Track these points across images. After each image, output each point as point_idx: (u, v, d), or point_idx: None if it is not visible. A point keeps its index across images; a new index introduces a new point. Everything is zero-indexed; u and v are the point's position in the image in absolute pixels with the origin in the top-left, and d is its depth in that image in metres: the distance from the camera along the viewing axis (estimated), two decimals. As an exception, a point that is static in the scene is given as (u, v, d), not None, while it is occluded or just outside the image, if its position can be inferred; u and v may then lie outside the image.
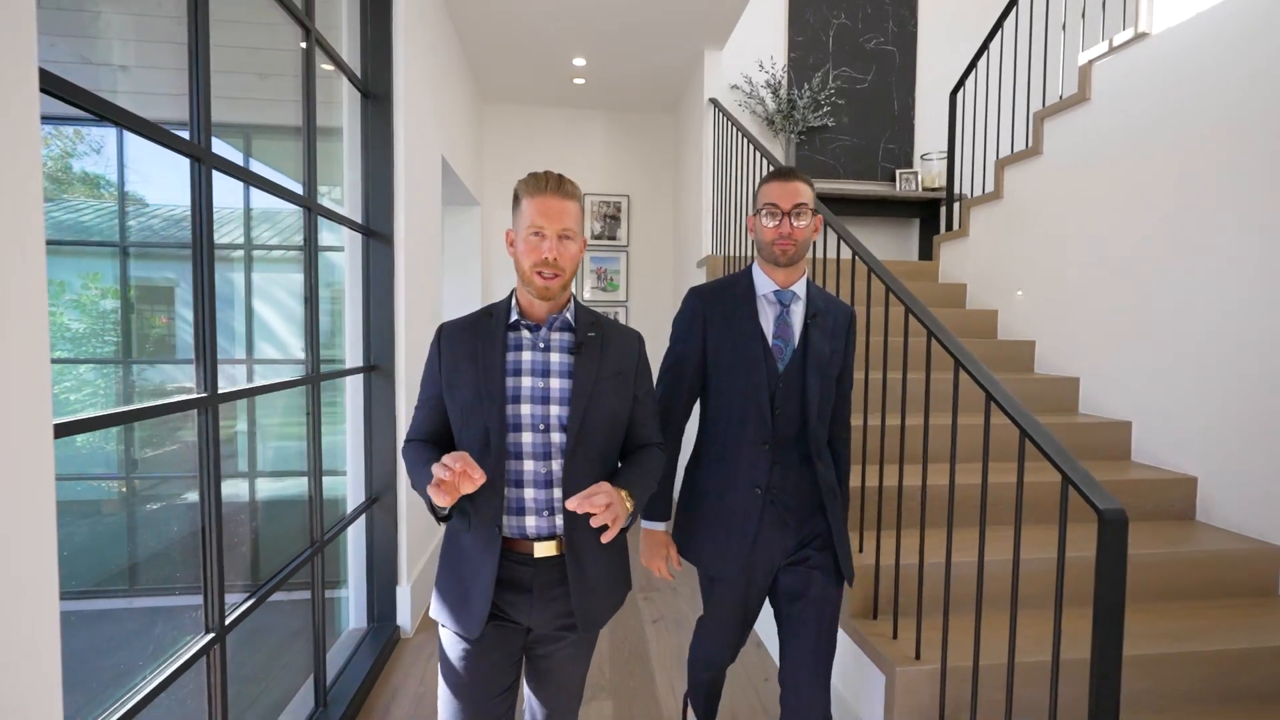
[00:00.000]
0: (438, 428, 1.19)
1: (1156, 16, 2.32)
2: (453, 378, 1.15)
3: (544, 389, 1.14)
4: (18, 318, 0.72)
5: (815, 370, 1.35)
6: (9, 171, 0.71)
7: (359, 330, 2.40)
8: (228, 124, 1.80)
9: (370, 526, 2.46)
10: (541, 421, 1.12)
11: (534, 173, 1.14)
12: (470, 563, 1.13)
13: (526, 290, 1.16)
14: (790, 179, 1.33)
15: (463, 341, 1.17)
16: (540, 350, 1.15)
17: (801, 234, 1.32)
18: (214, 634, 1.34)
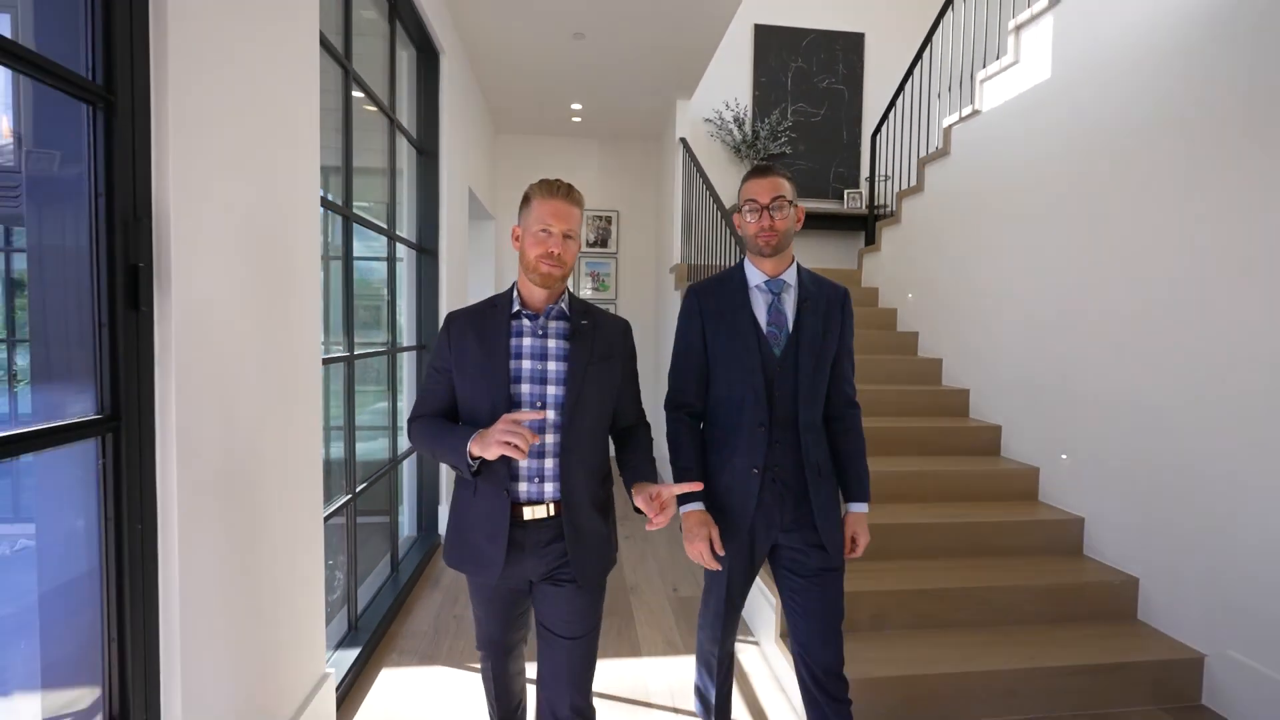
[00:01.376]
0: (446, 405, 1.31)
1: (986, 100, 3.24)
2: (461, 360, 1.27)
3: (542, 370, 1.27)
4: (310, 308, 1.66)
5: (810, 354, 1.42)
6: (308, 248, 1.64)
7: (414, 319, 3.33)
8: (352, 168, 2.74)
9: (419, 462, 3.40)
10: (539, 400, 1.25)
11: (546, 179, 1.28)
12: (481, 524, 1.26)
13: (529, 279, 1.27)
14: (767, 175, 1.40)
15: (470, 328, 1.29)
16: (538, 336, 1.28)
17: (782, 224, 1.39)
18: (350, 495, 2.28)
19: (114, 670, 1.05)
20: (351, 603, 2.34)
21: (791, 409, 1.43)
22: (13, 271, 1.03)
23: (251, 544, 1.40)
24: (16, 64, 0.88)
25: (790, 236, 1.42)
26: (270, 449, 1.48)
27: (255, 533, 1.41)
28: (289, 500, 1.58)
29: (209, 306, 1.21)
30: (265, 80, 1.42)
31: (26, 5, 1.03)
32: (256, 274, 1.40)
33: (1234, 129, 1.98)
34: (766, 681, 2.16)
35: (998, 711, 1.97)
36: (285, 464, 1.55)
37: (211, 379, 1.22)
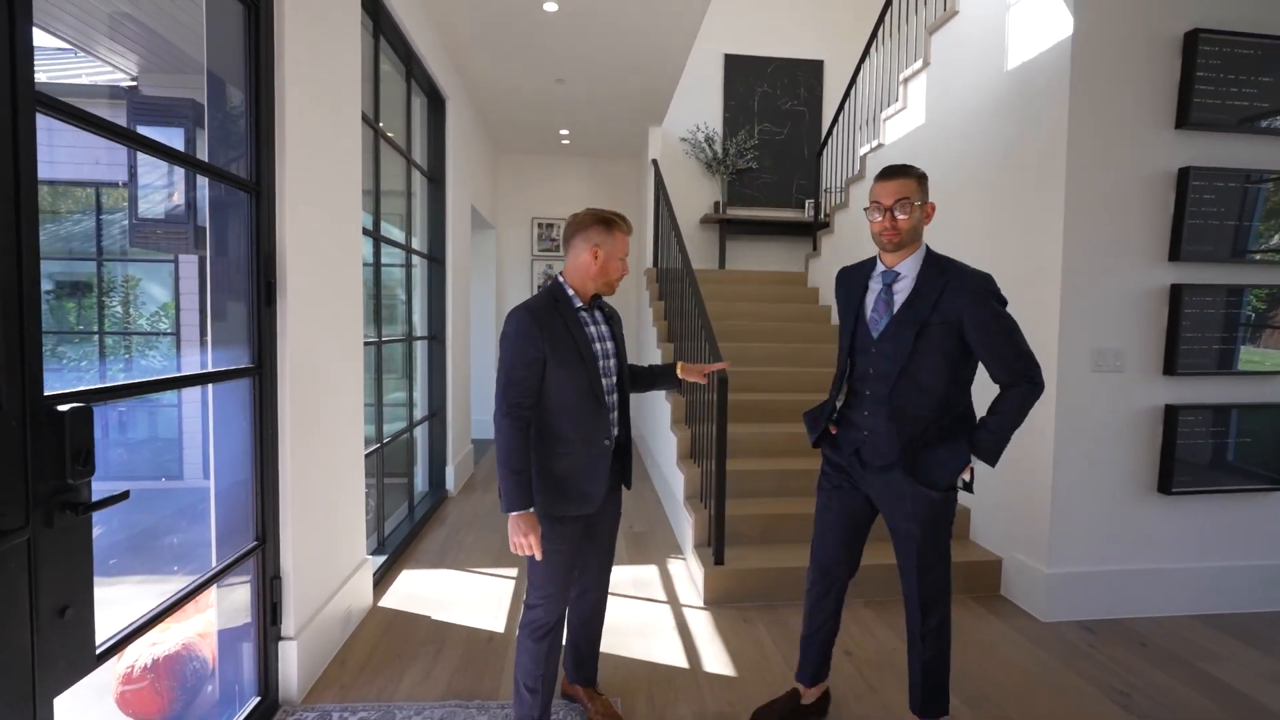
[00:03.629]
0: (538, 385, 1.56)
1: (888, 135, 3.97)
2: (555, 348, 1.55)
3: (606, 349, 1.68)
4: (353, 304, 2.45)
5: (904, 340, 1.56)
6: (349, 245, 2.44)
7: (425, 315, 4.13)
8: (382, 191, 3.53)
9: (430, 430, 4.20)
10: (608, 370, 1.67)
11: (625, 219, 1.66)
12: (585, 468, 1.60)
13: (598, 284, 1.65)
14: (893, 177, 1.55)
15: (555, 321, 1.58)
16: (596, 325, 1.68)
17: (905, 224, 1.53)
18: (379, 444, 3.08)
19: (259, 511, 1.85)
20: (380, 527, 3.13)
21: (879, 387, 1.60)
22: (207, 280, 1.81)
23: (326, 454, 2.19)
24: (210, 175, 1.68)
25: (914, 233, 1.56)
26: (337, 397, 2.26)
27: (328, 448, 2.20)
28: (346, 434, 2.37)
29: (305, 305, 2.00)
30: (332, 158, 2.21)
31: (218, 130, 1.81)
32: (327, 285, 2.19)
33: (1025, 171, 2.72)
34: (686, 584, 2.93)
35: (844, 594, 2.73)
36: (344, 409, 2.34)
37: (306, 348, 2.01)
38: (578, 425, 1.60)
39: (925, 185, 1.60)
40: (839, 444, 1.75)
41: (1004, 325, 1.55)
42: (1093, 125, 2.47)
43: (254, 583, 1.85)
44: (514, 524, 1.53)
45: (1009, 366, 1.55)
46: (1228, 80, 2.48)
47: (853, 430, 1.71)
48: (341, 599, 2.29)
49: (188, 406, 3.38)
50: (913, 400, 1.60)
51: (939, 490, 1.61)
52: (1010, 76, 2.80)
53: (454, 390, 4.31)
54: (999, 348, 1.54)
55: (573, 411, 1.60)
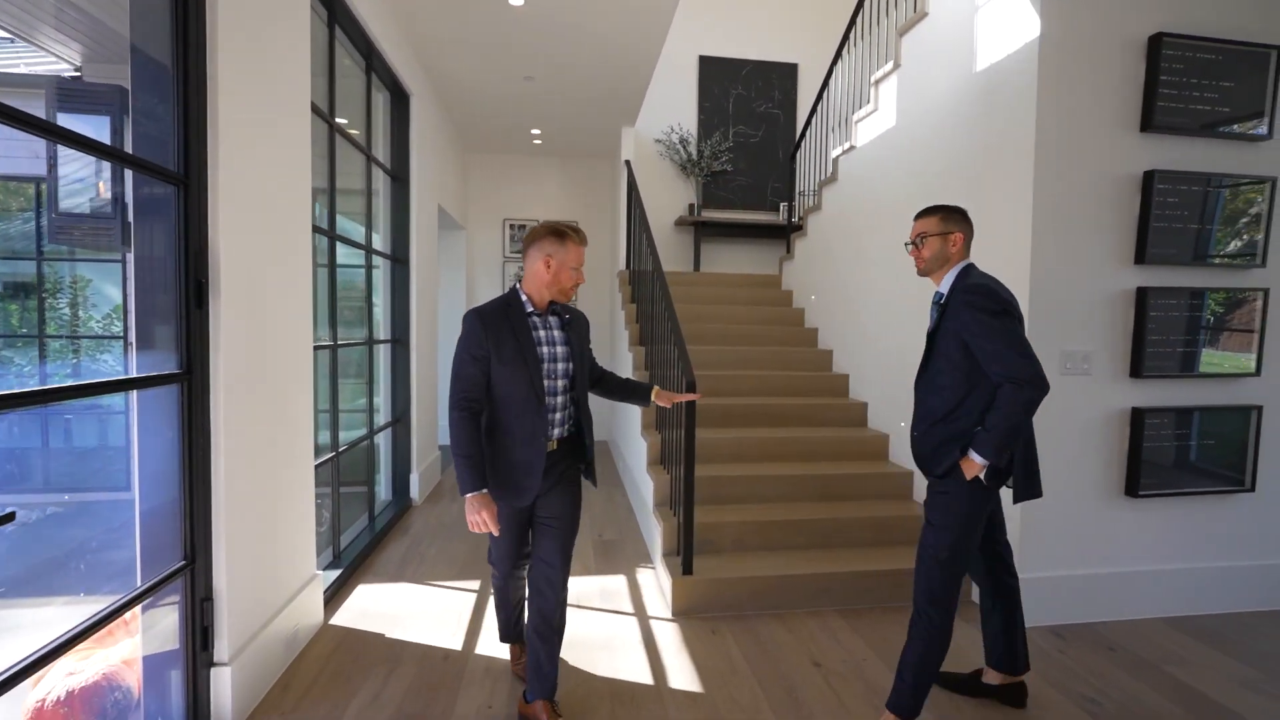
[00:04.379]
0: (482, 386, 1.71)
1: (860, 137, 3.95)
2: (500, 349, 1.70)
3: (555, 353, 1.79)
4: (301, 306, 2.33)
5: (935, 352, 1.80)
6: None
7: (388, 318, 3.99)
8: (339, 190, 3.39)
9: (393, 436, 4.05)
10: (554, 373, 1.78)
11: (578, 228, 1.80)
12: (523, 462, 1.74)
13: (552, 293, 1.77)
14: (919, 217, 1.86)
15: (500, 324, 1.72)
16: (547, 330, 1.80)
17: (927, 253, 1.82)
18: (334, 453, 2.94)
19: (188, 528, 1.72)
20: (335, 539, 2.99)
21: (919, 394, 1.85)
22: (128, 280, 1.68)
23: (268, 465, 2.06)
24: (130, 165, 1.55)
25: (937, 262, 1.82)
26: (281, 404, 2.14)
27: (270, 459, 2.07)
28: (293, 444, 2.24)
29: (241, 306, 1.87)
30: (276, 150, 2.08)
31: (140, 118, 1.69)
32: (270, 285, 2.06)
33: (994, 172, 2.70)
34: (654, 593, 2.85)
35: (815, 603, 2.68)
36: (290, 417, 2.21)
37: (245, 352, 1.89)
38: (518, 421, 1.75)
39: (951, 218, 1.82)
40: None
41: (986, 329, 1.68)
42: (1060, 127, 2.45)
43: (182, 605, 1.72)
44: (468, 504, 1.72)
45: (995, 368, 1.68)
46: (1190, 84, 2.49)
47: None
48: (287, 618, 2.16)
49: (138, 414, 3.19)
50: (930, 397, 1.82)
51: (934, 476, 1.79)
52: (979, 78, 2.78)
53: (419, 395, 4.17)
54: (982, 350, 1.69)
55: (514, 408, 1.75)
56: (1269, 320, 2.64)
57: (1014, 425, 1.65)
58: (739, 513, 3.00)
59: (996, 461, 1.69)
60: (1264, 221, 2.59)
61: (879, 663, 2.26)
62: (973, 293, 1.71)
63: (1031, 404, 1.65)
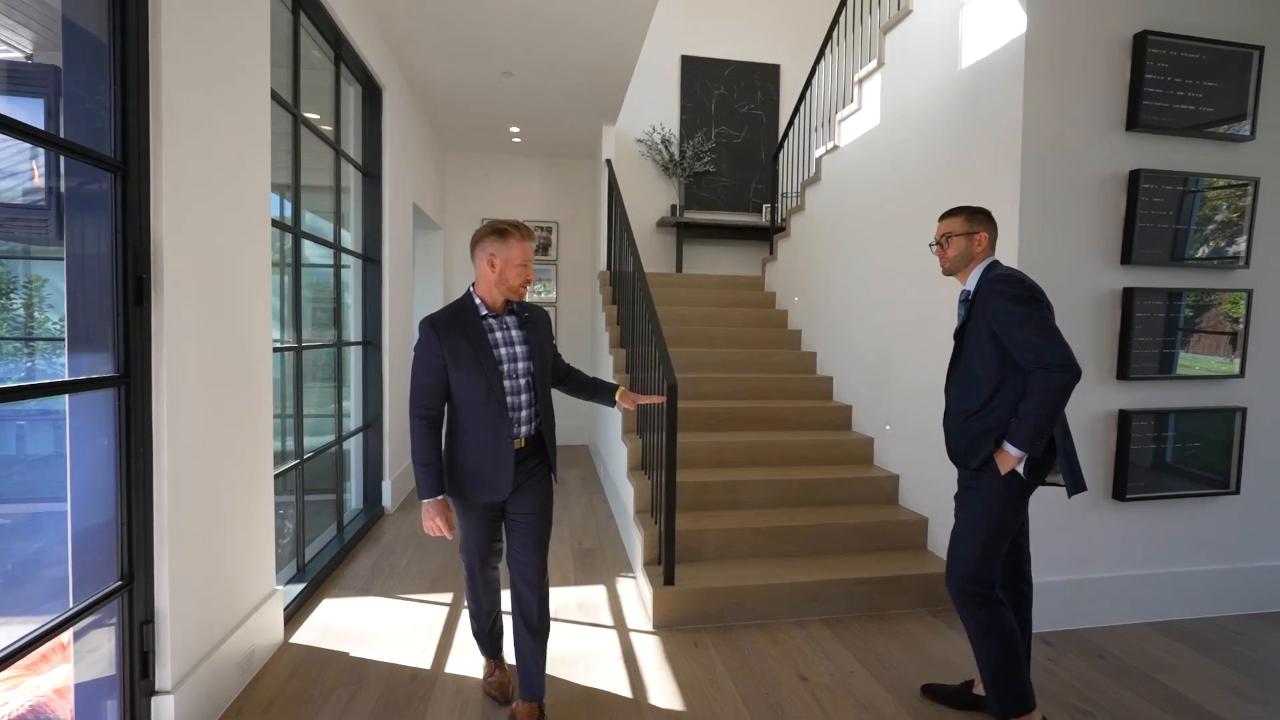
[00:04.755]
0: (442, 389, 1.75)
1: (843, 137, 3.91)
2: (454, 354, 1.72)
3: (513, 353, 1.80)
4: (259, 305, 2.19)
5: (964, 346, 1.82)
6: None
7: (359, 319, 3.84)
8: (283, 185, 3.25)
9: (364, 442, 3.90)
10: (515, 373, 1.79)
11: (521, 225, 1.77)
12: (490, 463, 1.77)
13: (502, 292, 1.77)
14: (942, 219, 1.89)
15: (454, 329, 1.74)
16: (504, 330, 1.80)
17: (952, 253, 1.85)
18: (299, 460, 2.80)
19: (125, 545, 1.58)
20: (299, 551, 2.84)
21: (951, 392, 1.88)
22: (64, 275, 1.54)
23: (219, 475, 1.92)
24: (60, 150, 1.42)
25: (962, 261, 1.85)
26: (236, 409, 2.00)
27: (222, 468, 1.94)
28: (248, 451, 2.10)
29: (189, 304, 1.74)
30: (230, 138, 1.95)
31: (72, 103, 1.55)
32: (223, 282, 1.93)
33: (980, 171, 2.65)
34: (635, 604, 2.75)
35: (800, 613, 2.59)
36: (245, 423, 2.07)
37: (192, 354, 1.75)
38: (480, 423, 1.78)
39: (976, 219, 1.85)
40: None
41: (1015, 317, 1.68)
42: (1047, 124, 2.41)
43: (119, 629, 1.58)
44: (424, 510, 1.79)
45: (1024, 355, 1.68)
46: (1175, 84, 2.46)
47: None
48: (241, 639, 2.02)
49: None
50: (962, 390, 1.83)
51: (969, 469, 1.79)
52: (964, 75, 2.74)
53: (392, 399, 4.03)
54: (1011, 337, 1.69)
55: (475, 410, 1.77)
56: (1253, 321, 2.63)
57: (1048, 412, 1.64)
58: (722, 519, 2.92)
59: (1032, 451, 1.68)
60: (1247, 223, 2.57)
61: (867, 676, 2.19)
62: (1001, 281, 1.73)
63: (1065, 389, 1.64)
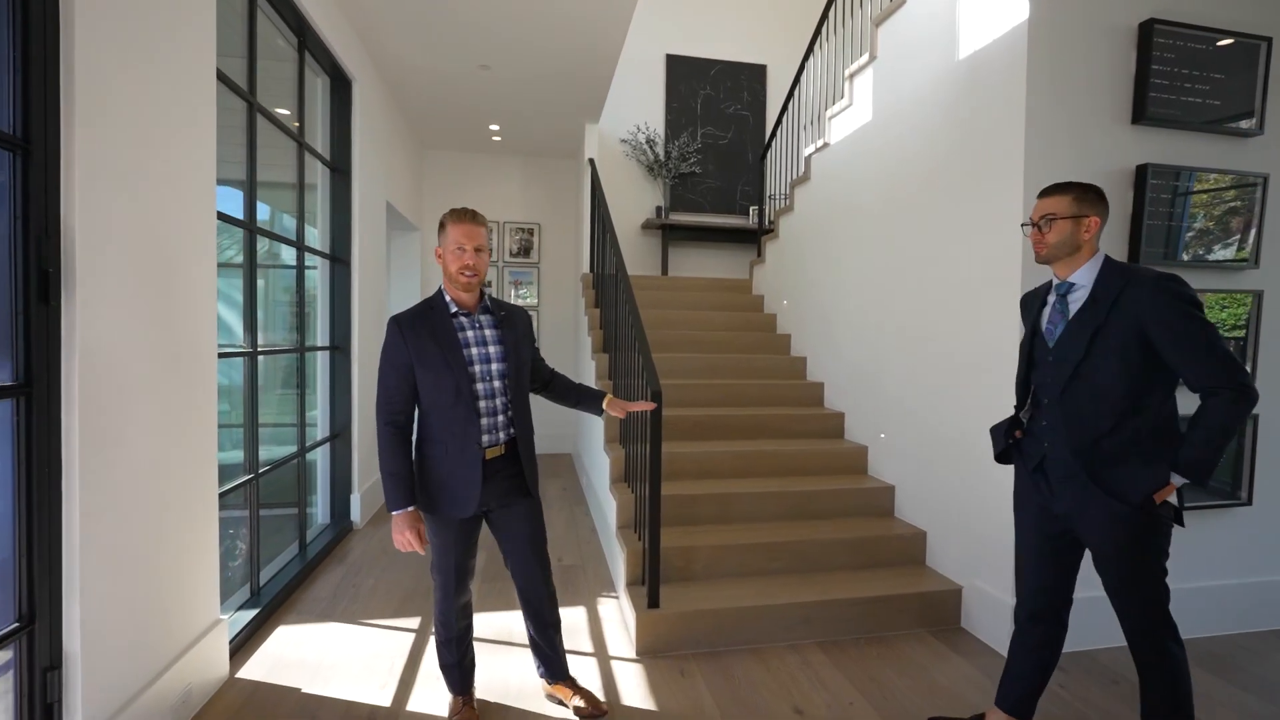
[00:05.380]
0: (409, 392, 1.66)
1: (834, 134, 3.78)
2: (422, 355, 1.63)
3: (486, 354, 1.71)
4: (200, 306, 1.99)
5: (1074, 350, 1.54)
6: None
7: (328, 323, 3.63)
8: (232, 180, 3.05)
9: (332, 453, 3.68)
10: (488, 375, 1.71)
11: (454, 208, 1.68)
12: (458, 472, 1.66)
13: (453, 286, 1.68)
14: (1044, 195, 1.61)
15: (421, 328, 1.65)
16: (476, 329, 1.72)
17: (1053, 238, 1.57)
18: (253, 475, 2.58)
19: (24, 581, 1.37)
20: (253, 574, 2.62)
21: (1053, 391, 1.58)
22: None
23: (149, 496, 1.71)
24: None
25: (1065, 248, 1.57)
26: (173, 421, 1.79)
27: (152, 488, 1.73)
28: (186, 468, 1.89)
29: (109, 303, 1.54)
30: (163, 119, 1.75)
31: (-41, 73, 1.35)
32: (153, 277, 1.72)
33: (980, 166, 2.52)
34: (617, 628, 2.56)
35: (793, 635, 2.43)
36: (182, 437, 1.87)
37: (114, 359, 1.55)
38: (447, 428, 1.67)
39: (1087, 199, 1.57)
40: (1025, 456, 1.70)
41: (1192, 326, 1.45)
42: (1050, 117, 2.29)
43: (16, 678, 1.36)
44: (394, 523, 1.68)
45: (1202, 371, 1.45)
46: (1181, 75, 2.35)
47: (1035, 443, 1.67)
48: (176, 676, 1.81)
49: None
50: (1086, 403, 1.55)
51: (1131, 504, 1.50)
52: (961, 67, 2.61)
53: (362, 408, 3.81)
54: (1187, 350, 1.46)
55: (441, 414, 1.67)
56: (1263, 325, 2.52)
57: (1227, 442, 1.45)
58: (710, 535, 2.74)
59: (1204, 483, 1.49)
60: (1256, 222, 2.47)
61: (868, 708, 2.02)
62: (1169, 281, 1.47)
63: (1244, 418, 1.45)
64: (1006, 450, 1.75)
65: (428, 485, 1.70)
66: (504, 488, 1.75)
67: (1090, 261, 1.59)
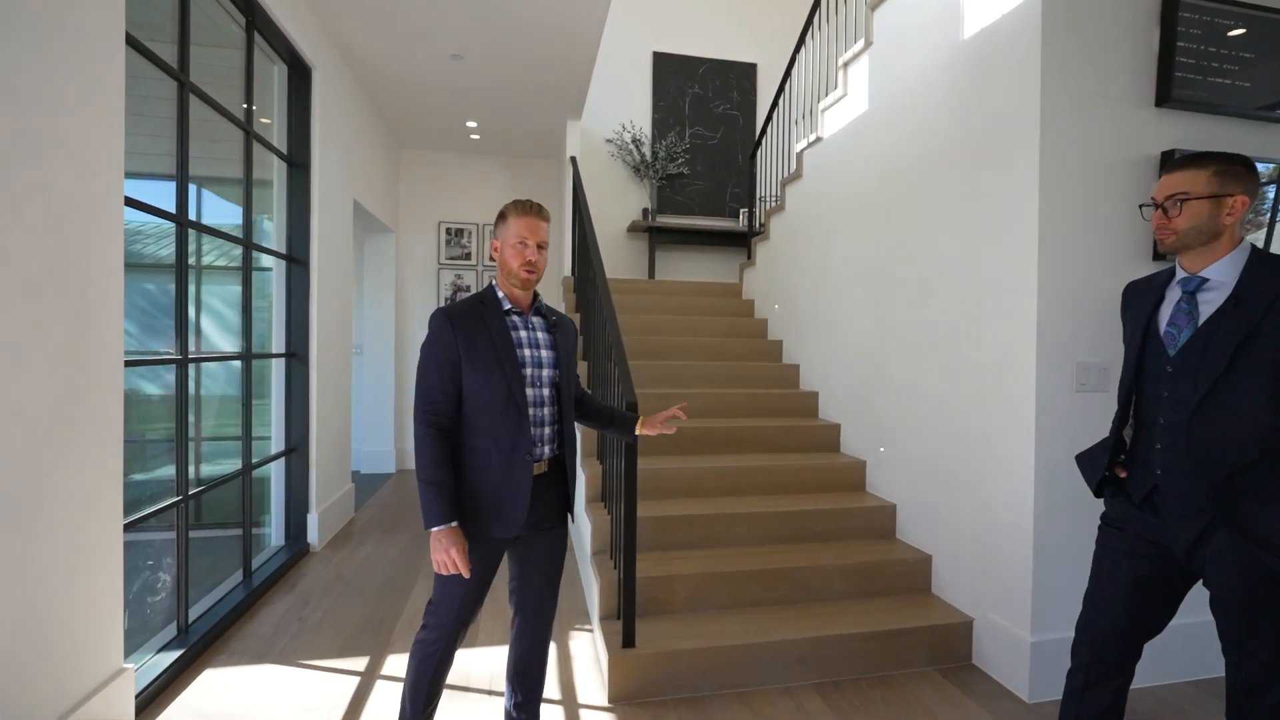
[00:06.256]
0: (454, 391, 1.49)
1: (827, 128, 3.56)
2: (472, 351, 1.48)
3: (538, 357, 1.56)
4: (107, 308, 1.72)
5: (1215, 358, 1.26)
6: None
7: (282, 328, 3.35)
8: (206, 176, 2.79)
9: (287, 469, 3.39)
10: (538, 380, 1.55)
11: (520, 200, 1.55)
12: (505, 485, 1.49)
13: (510, 283, 1.54)
14: (1172, 170, 1.34)
15: (472, 323, 1.51)
16: (529, 330, 1.57)
17: (1183, 223, 1.31)
18: (181, 498, 2.30)
19: None
20: (181, 608, 2.33)
21: (1176, 415, 1.32)
22: None
23: (21, 530, 1.43)
24: None
25: (1199, 235, 1.31)
26: (60, 441, 1.52)
27: (26, 521, 1.45)
28: (80, 495, 1.61)
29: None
30: (43, 85, 1.49)
31: None
32: (32, 274, 1.46)
33: (990, 155, 2.29)
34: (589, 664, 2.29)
35: (787, 676, 2.16)
36: (80, 458, 1.59)
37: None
38: (494, 435, 1.50)
39: (1231, 175, 1.30)
40: (1129, 490, 1.44)
41: None
42: (1068, 98, 2.07)
43: None
44: (434, 541, 1.45)
45: None
46: (1209, 54, 2.14)
47: (1143, 471, 1.41)
48: (57, 744, 1.52)
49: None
50: (1224, 429, 1.28)
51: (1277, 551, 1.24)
52: (967, 47, 2.39)
53: (324, 419, 3.53)
54: None
55: (489, 419, 1.50)
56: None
57: None
58: (694, 561, 2.48)
59: None
60: (1267, 217, 2.25)
61: (872, 767, 1.76)
62: None
63: None
64: (1104, 480, 1.49)
65: (470, 499, 1.50)
66: (543, 511, 1.60)
67: (1233, 253, 1.31)
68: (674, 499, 2.85)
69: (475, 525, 1.49)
